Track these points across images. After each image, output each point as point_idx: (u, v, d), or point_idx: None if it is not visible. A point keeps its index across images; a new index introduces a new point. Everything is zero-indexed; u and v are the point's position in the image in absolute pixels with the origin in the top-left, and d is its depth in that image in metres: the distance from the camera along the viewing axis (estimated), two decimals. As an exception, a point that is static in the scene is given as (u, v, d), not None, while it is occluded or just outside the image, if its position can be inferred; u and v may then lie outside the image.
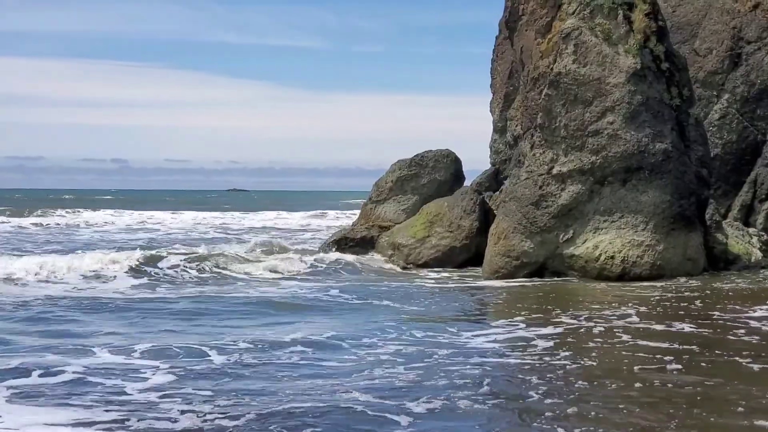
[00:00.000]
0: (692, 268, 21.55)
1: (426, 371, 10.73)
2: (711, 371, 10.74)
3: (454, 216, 24.29)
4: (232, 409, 8.93)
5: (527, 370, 10.94)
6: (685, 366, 11.04)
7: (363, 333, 13.47)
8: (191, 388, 9.81)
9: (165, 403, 9.21)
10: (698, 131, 23.19)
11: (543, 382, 10.26)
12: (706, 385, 10.02)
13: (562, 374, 10.67)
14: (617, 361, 11.43)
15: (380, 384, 10.09)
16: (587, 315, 15.43)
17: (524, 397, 9.62)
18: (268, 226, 50.58)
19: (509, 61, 25.95)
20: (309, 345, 12.40)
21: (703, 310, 15.90)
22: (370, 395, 9.53)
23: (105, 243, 34.54)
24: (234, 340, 12.62)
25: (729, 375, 10.53)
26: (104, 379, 10.23)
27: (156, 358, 11.43)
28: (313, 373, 10.70)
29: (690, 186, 21.77)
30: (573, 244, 21.48)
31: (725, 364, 11.23)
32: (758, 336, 13.21)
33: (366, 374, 10.61)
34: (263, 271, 22.42)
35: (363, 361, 11.40)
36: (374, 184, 26.97)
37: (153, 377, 10.35)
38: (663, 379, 10.36)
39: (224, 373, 10.62)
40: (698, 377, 10.42)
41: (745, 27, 26.84)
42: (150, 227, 48.82)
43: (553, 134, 21.63)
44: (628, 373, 10.66)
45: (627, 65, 21.28)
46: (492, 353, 12.00)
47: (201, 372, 10.62)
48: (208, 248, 25.26)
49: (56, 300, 17.07)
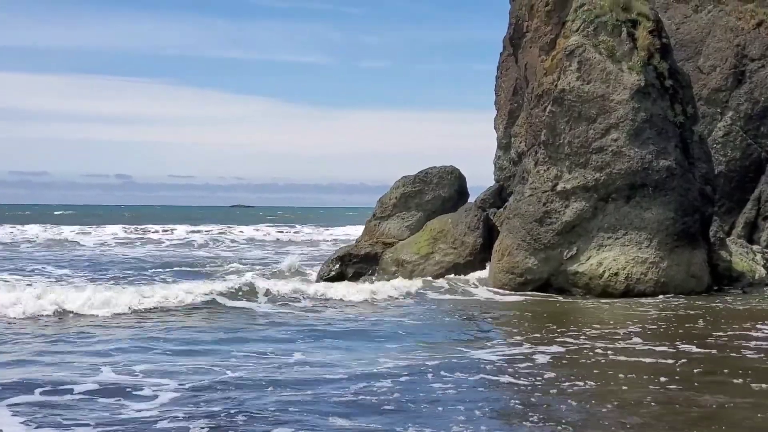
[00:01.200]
0: (696, 286, 21.53)
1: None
2: (709, 391, 10.69)
3: (458, 232, 24.28)
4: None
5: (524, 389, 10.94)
6: (683, 386, 11.00)
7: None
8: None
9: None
10: (702, 148, 23.21)
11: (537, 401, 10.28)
12: (704, 406, 9.98)
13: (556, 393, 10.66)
14: (614, 381, 11.39)
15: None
16: (590, 333, 15.42)
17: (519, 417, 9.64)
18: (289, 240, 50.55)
19: (513, 78, 26.02)
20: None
21: (704, 330, 15.86)
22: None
23: (193, 260, 34.50)
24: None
25: (730, 395, 10.49)
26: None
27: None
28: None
29: (694, 203, 21.77)
30: (577, 261, 21.48)
31: (725, 384, 11.18)
32: (758, 356, 13.16)
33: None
34: (357, 293, 20.85)
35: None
36: (378, 201, 26.96)
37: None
38: (658, 398, 10.35)
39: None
40: (696, 397, 10.40)
41: (749, 44, 26.89)
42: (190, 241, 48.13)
43: (557, 151, 21.65)
44: (623, 393, 10.65)
45: (631, 82, 21.31)
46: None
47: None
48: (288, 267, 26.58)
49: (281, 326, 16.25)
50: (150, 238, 52.15)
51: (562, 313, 18.48)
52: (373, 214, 27.00)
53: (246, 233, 58.90)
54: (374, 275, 24.64)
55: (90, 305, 17.48)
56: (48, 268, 28.83)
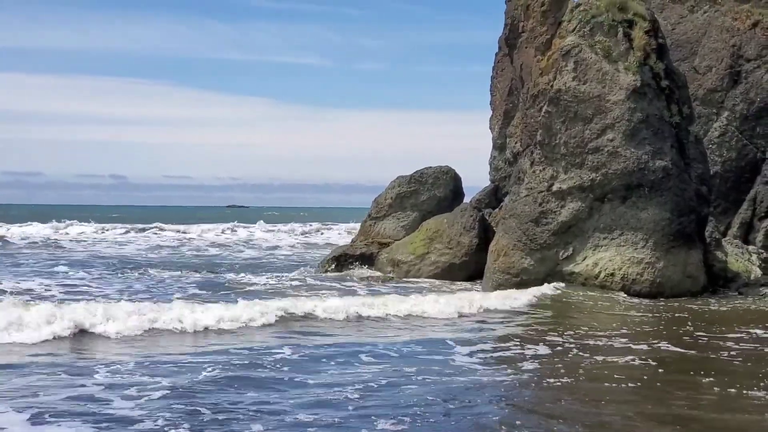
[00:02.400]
0: (692, 286, 21.52)
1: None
2: (686, 392, 10.73)
3: (454, 233, 24.26)
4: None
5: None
6: (650, 386, 11.06)
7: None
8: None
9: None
10: (698, 149, 23.20)
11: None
12: (680, 408, 9.99)
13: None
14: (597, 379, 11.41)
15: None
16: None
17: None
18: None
19: (509, 78, 26.00)
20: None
21: (692, 331, 15.88)
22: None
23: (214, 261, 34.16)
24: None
25: (695, 395, 10.58)
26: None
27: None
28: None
29: (690, 203, 21.75)
30: (573, 261, 21.45)
31: (694, 384, 11.22)
32: (739, 358, 13.17)
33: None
34: (402, 306, 18.02)
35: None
36: (374, 201, 26.95)
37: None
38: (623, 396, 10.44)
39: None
40: (662, 396, 10.46)
41: (745, 45, 26.88)
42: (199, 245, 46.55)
43: (552, 151, 21.62)
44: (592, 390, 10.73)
45: (627, 82, 21.29)
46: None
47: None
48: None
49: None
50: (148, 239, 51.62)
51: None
52: (368, 215, 27.00)
53: (250, 234, 58.02)
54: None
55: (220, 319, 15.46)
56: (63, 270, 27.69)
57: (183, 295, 20.00)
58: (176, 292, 20.64)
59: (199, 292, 20.96)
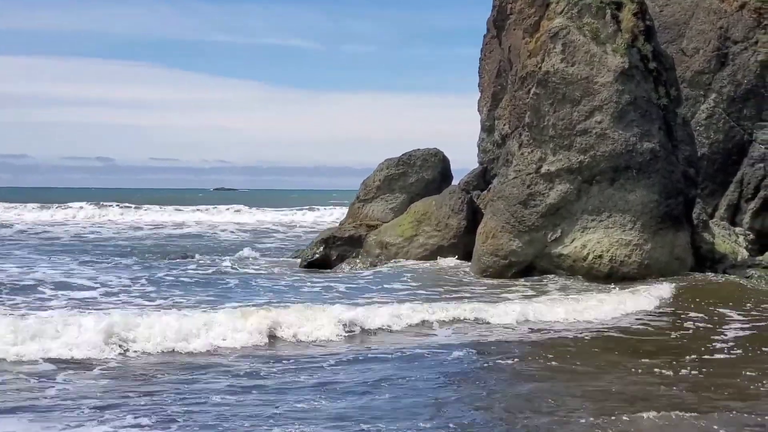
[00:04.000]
0: (680, 268, 21.59)
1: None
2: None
3: (442, 215, 24.28)
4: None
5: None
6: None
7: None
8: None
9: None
10: (685, 131, 23.26)
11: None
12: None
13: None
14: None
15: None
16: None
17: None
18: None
19: (497, 60, 25.96)
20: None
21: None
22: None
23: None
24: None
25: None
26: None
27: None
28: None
29: (677, 185, 21.81)
30: (561, 244, 21.50)
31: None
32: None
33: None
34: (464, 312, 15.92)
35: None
36: (362, 183, 26.94)
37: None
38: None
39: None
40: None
41: (732, 27, 26.88)
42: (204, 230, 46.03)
43: (541, 133, 21.64)
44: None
45: (615, 64, 21.30)
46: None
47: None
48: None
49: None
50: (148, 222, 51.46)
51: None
52: (356, 197, 27.00)
53: (233, 218, 57.86)
54: (358, 258, 24.63)
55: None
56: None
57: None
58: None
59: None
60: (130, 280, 20.25)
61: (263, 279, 21.40)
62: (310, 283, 20.16)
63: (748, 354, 12.65)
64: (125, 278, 20.61)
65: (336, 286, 19.69)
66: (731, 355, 12.59)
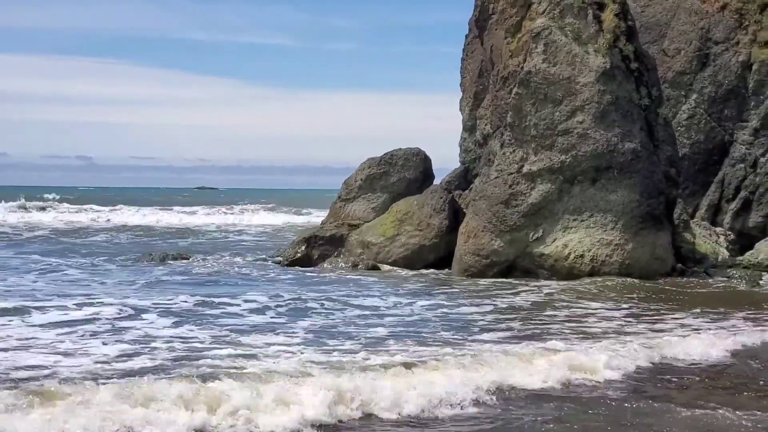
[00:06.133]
0: (660, 267, 21.64)
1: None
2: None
3: (424, 214, 24.24)
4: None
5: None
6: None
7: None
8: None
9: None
10: (667, 131, 23.32)
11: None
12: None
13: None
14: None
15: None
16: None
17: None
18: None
19: (479, 60, 25.94)
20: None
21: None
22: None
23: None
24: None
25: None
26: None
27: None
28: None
29: (658, 185, 21.86)
30: (543, 243, 21.52)
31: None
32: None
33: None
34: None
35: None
36: (344, 183, 26.88)
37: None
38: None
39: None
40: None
41: (713, 28, 26.99)
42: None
43: (523, 133, 21.65)
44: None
45: (596, 65, 21.34)
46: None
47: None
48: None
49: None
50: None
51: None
52: (338, 196, 26.93)
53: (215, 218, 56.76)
54: (339, 257, 24.58)
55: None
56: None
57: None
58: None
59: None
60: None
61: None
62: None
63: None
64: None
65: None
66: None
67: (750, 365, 11.90)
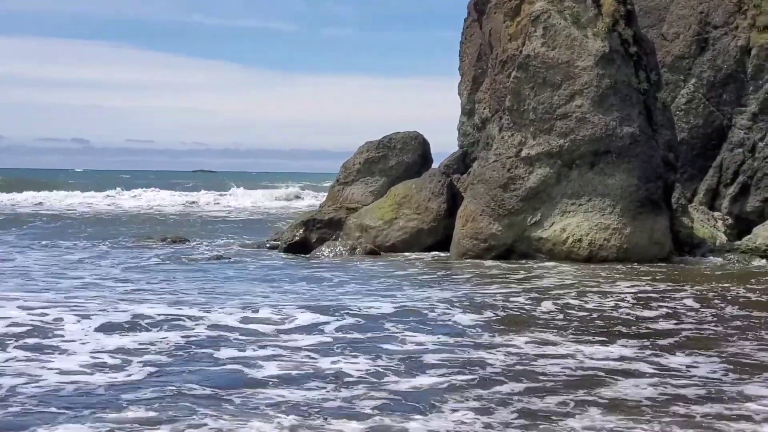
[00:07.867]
0: (658, 252, 21.67)
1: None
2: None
3: (422, 198, 24.25)
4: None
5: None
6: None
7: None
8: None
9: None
10: (665, 115, 23.31)
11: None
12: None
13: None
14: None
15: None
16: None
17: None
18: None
19: (478, 44, 25.91)
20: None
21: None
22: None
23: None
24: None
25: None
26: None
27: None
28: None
29: (657, 170, 21.87)
30: (541, 227, 21.55)
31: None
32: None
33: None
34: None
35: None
36: (342, 166, 26.88)
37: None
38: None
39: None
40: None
41: (712, 12, 26.96)
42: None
43: (521, 117, 21.65)
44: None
45: (595, 49, 21.32)
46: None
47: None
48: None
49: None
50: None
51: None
52: (336, 180, 26.94)
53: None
54: (338, 240, 24.60)
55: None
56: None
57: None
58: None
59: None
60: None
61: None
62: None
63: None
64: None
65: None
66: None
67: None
